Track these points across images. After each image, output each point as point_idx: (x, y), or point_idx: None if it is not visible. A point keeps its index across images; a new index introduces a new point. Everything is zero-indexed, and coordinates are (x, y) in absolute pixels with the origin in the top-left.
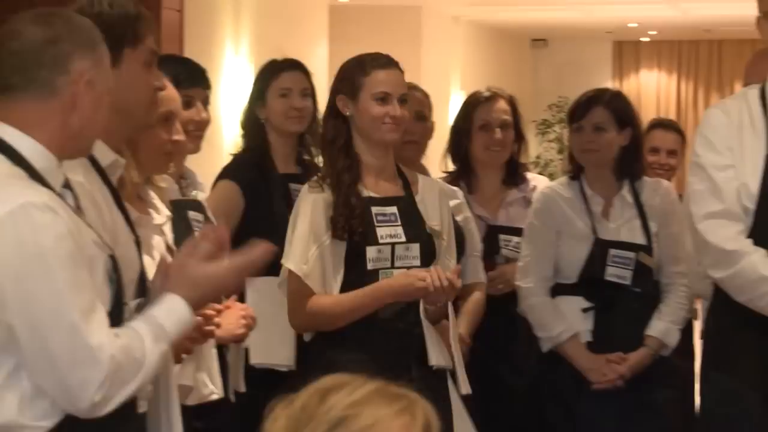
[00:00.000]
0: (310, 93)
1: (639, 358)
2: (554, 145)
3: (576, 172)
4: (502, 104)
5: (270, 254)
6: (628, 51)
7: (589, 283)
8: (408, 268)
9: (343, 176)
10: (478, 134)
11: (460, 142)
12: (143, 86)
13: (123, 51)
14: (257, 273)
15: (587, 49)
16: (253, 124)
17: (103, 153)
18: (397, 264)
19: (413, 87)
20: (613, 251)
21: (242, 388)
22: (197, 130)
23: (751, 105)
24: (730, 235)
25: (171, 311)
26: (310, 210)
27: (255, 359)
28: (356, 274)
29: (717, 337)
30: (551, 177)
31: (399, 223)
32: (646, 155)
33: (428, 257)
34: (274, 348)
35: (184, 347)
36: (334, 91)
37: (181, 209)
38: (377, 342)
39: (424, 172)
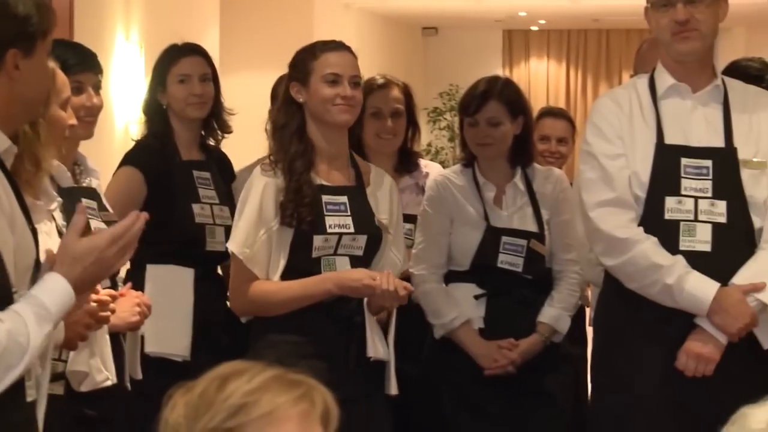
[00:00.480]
0: (210, 78)
1: (530, 345)
2: (445, 133)
3: (469, 159)
4: (395, 92)
5: (144, 222)
6: (518, 40)
7: (482, 270)
8: (350, 256)
9: (295, 162)
10: (369, 121)
11: (351, 129)
12: (47, 75)
13: (36, 42)
14: (154, 259)
15: (477, 38)
16: (155, 110)
17: None
18: (340, 251)
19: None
20: (505, 238)
21: (139, 375)
22: (89, 116)
23: (641, 94)
24: (621, 223)
25: (53, 291)
26: (260, 194)
27: (149, 348)
28: (299, 260)
29: (608, 324)
30: (443, 165)
31: (348, 213)
32: (537, 143)
33: (373, 249)
34: (169, 337)
35: (78, 333)
36: (288, 79)
37: (74, 196)
38: (317, 325)
39: None
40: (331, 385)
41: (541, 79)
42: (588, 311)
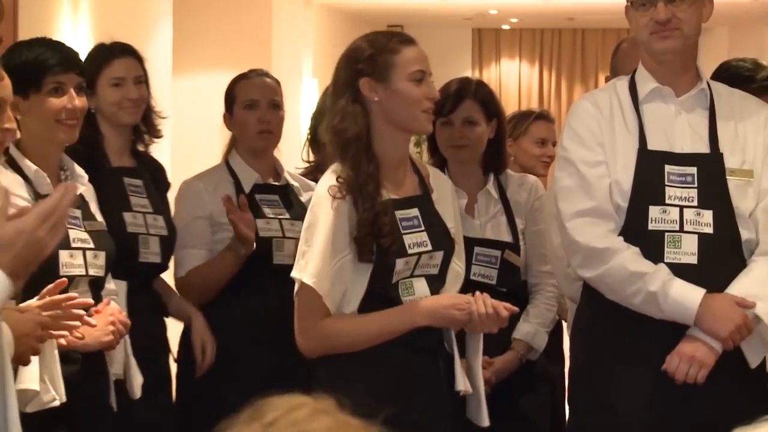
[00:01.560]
0: (144, 80)
1: (505, 363)
2: (413, 137)
3: (439, 166)
4: None
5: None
6: (488, 38)
7: None
8: (426, 276)
9: (367, 186)
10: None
11: (320, 133)
12: None
13: None
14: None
15: (446, 37)
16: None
17: None
18: (416, 272)
19: (264, 74)
20: (477, 249)
21: (136, 395)
22: (70, 119)
23: (621, 97)
24: (600, 233)
25: None
26: (331, 219)
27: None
28: (379, 287)
29: (587, 341)
30: None
31: (422, 227)
32: (533, 147)
33: (447, 265)
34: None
35: (30, 347)
36: (354, 74)
37: None
38: (400, 359)
39: (279, 164)
40: (423, 427)
41: (513, 81)
42: (567, 327)
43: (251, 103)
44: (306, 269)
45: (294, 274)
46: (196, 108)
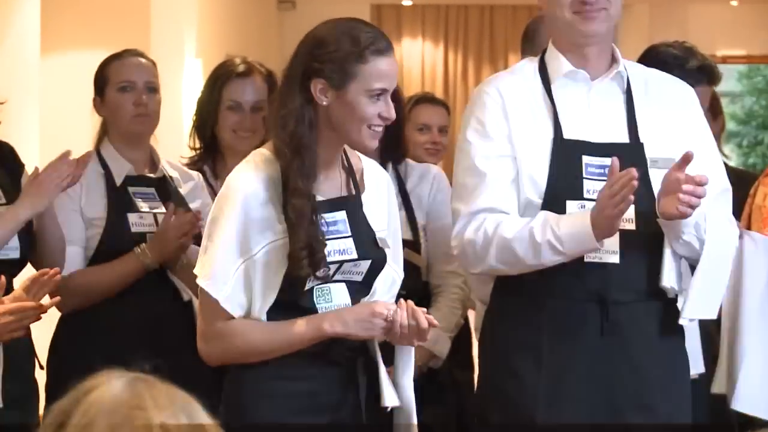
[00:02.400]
0: None
1: None
2: None
3: None
4: (257, 80)
5: None
6: (388, 16)
7: None
8: (347, 281)
9: (304, 209)
10: (226, 114)
11: (205, 121)
12: None
13: None
14: None
15: (341, 13)
16: None
17: None
18: (336, 277)
19: (139, 53)
20: None
21: None
22: None
23: (530, 81)
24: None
25: None
26: (239, 213)
27: None
28: (290, 294)
29: (493, 343)
30: None
31: (349, 233)
32: (414, 134)
33: (374, 274)
34: None
35: None
36: (307, 72)
37: None
38: (314, 371)
39: (155, 153)
40: None
41: (416, 62)
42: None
43: (126, 86)
44: (205, 271)
45: (195, 270)
46: (67, 90)
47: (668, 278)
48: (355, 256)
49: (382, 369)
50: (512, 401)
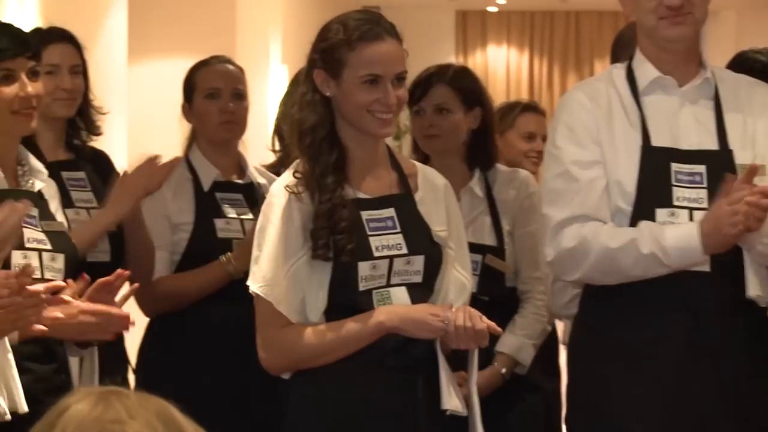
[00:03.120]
0: (81, 70)
1: (486, 379)
2: None
3: (422, 161)
4: None
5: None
6: (474, 22)
7: None
8: (407, 284)
9: (326, 178)
10: None
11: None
12: None
13: None
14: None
15: (426, 19)
16: None
17: None
18: (393, 281)
19: (227, 60)
20: None
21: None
22: (26, 107)
23: (619, 87)
24: (573, 234)
25: None
26: (282, 218)
27: None
28: (344, 295)
29: (587, 354)
30: None
31: (398, 229)
32: (519, 142)
33: (434, 272)
34: None
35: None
36: (310, 64)
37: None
38: (374, 376)
39: (243, 160)
40: None
41: (501, 68)
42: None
43: (213, 92)
44: (257, 277)
45: (248, 282)
46: (154, 97)
47: (753, 288)
48: (405, 251)
49: (444, 374)
50: (601, 410)
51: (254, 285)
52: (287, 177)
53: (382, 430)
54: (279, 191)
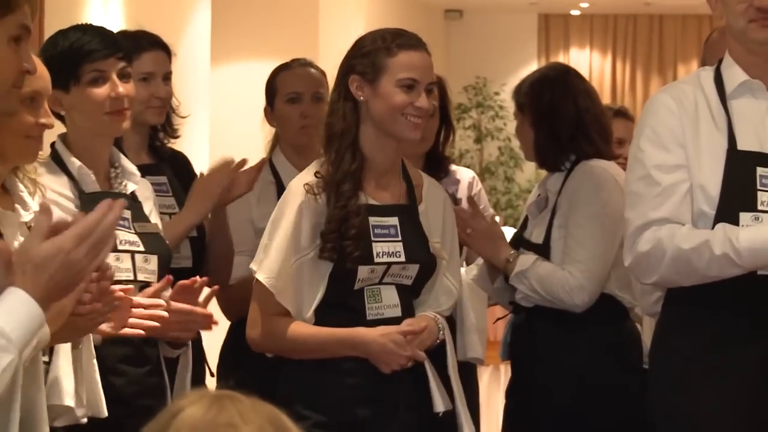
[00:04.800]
0: (170, 77)
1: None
2: (471, 133)
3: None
4: None
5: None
6: (556, 25)
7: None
8: (397, 285)
9: (344, 184)
10: None
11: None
12: (6, 65)
13: None
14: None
15: (509, 23)
16: None
17: None
18: (386, 280)
19: (308, 63)
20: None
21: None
22: (116, 109)
23: (707, 90)
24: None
25: (12, 311)
26: (296, 215)
27: None
28: (338, 292)
29: (669, 360)
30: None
31: (399, 238)
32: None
33: (424, 278)
34: None
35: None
36: (346, 71)
37: (96, 202)
38: (363, 368)
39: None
40: None
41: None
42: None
43: (294, 97)
44: (262, 265)
45: (251, 265)
46: (236, 100)
47: None
48: (402, 259)
49: (431, 376)
50: (682, 413)
51: (260, 274)
52: (308, 175)
53: (370, 416)
54: (297, 188)
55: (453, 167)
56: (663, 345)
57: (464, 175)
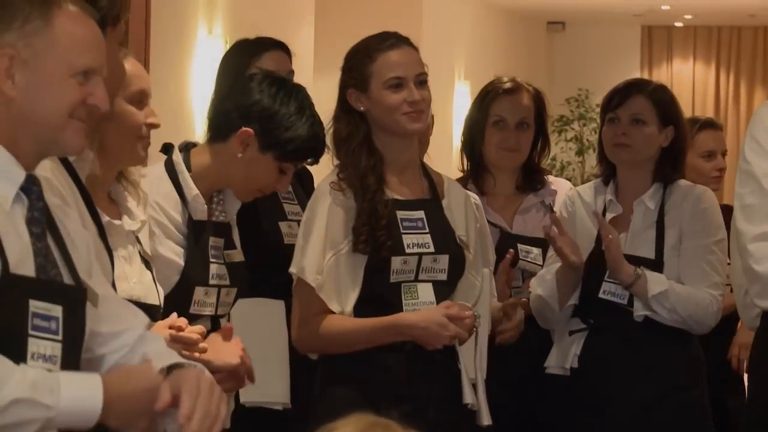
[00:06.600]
0: (292, 77)
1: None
2: (572, 145)
3: (606, 174)
4: (524, 98)
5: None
6: (659, 37)
7: (586, 302)
8: (433, 281)
9: (367, 178)
10: (491, 131)
11: (472, 139)
12: (117, 68)
13: (105, 30)
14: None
15: (612, 35)
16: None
17: None
18: (421, 276)
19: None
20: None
21: (227, 425)
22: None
23: None
24: None
25: (79, 399)
26: (326, 212)
27: (245, 397)
28: (376, 286)
29: (763, 372)
30: (570, 182)
31: (426, 230)
32: (699, 162)
33: (457, 272)
34: (266, 383)
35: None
36: (343, 86)
37: (201, 231)
38: (398, 364)
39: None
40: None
41: (686, 84)
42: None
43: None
44: (300, 264)
45: (291, 269)
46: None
47: None
48: (432, 249)
49: (463, 368)
50: None
51: (300, 272)
52: (331, 176)
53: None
54: (325, 188)
55: (550, 178)
56: (759, 357)
57: (562, 186)
